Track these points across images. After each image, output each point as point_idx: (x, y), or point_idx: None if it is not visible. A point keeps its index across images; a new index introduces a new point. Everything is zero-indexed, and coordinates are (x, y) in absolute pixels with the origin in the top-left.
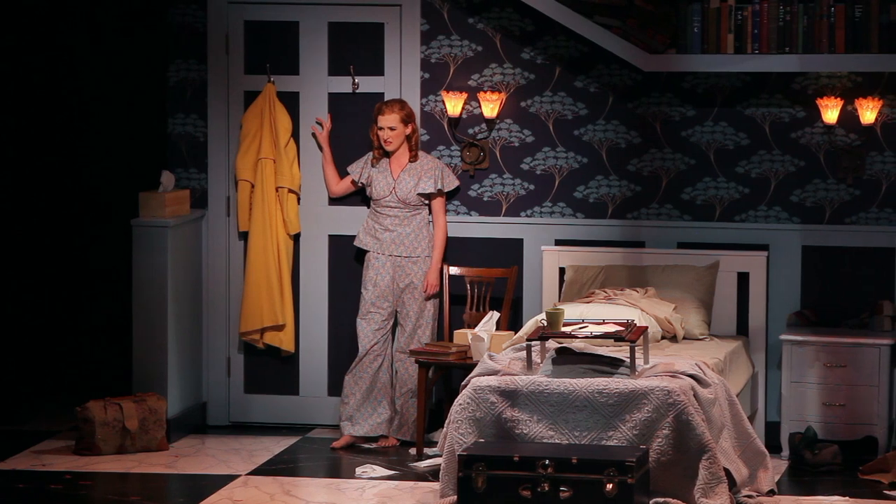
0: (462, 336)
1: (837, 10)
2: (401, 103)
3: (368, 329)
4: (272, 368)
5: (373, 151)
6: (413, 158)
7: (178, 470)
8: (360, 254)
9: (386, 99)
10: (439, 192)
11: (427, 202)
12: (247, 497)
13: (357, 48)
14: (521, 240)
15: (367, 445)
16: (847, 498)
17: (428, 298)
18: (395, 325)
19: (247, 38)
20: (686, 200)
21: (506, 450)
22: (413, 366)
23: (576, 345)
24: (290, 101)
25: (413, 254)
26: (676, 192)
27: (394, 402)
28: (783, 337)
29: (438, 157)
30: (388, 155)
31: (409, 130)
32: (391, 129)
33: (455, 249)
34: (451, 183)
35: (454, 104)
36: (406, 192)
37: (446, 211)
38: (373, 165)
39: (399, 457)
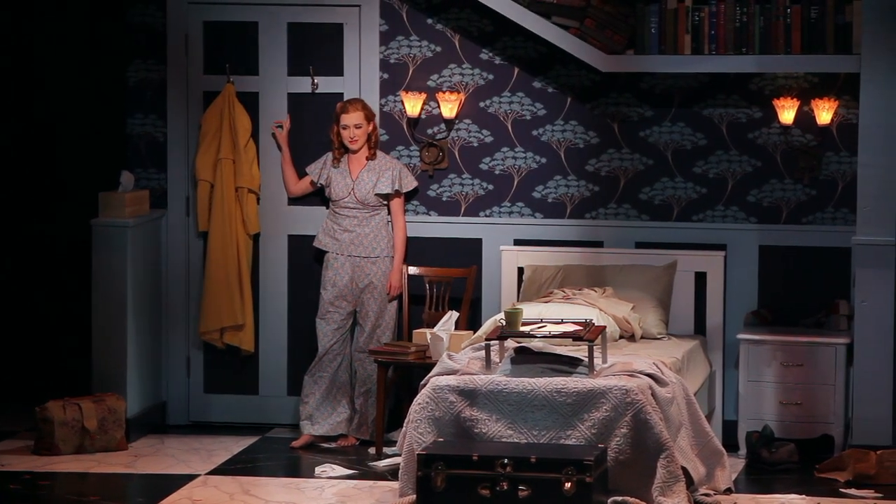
0: (421, 335)
1: (794, 12)
2: (362, 102)
3: (328, 329)
4: (232, 368)
5: (332, 152)
6: (371, 157)
7: (138, 470)
8: (320, 254)
9: (346, 99)
10: (397, 193)
11: (386, 202)
12: (206, 496)
13: (316, 49)
14: (480, 240)
15: (326, 445)
16: (804, 496)
17: (392, 300)
18: (355, 324)
19: (206, 38)
20: (644, 200)
21: (465, 449)
22: (372, 365)
23: (534, 344)
24: (250, 102)
25: (372, 254)
26: (634, 192)
27: (353, 401)
28: (740, 336)
29: (397, 158)
30: (348, 152)
31: (370, 129)
32: (357, 126)
33: (414, 249)
34: (410, 183)
35: (413, 104)
36: (364, 193)
37: (405, 211)
38: (333, 166)
39: (358, 456)
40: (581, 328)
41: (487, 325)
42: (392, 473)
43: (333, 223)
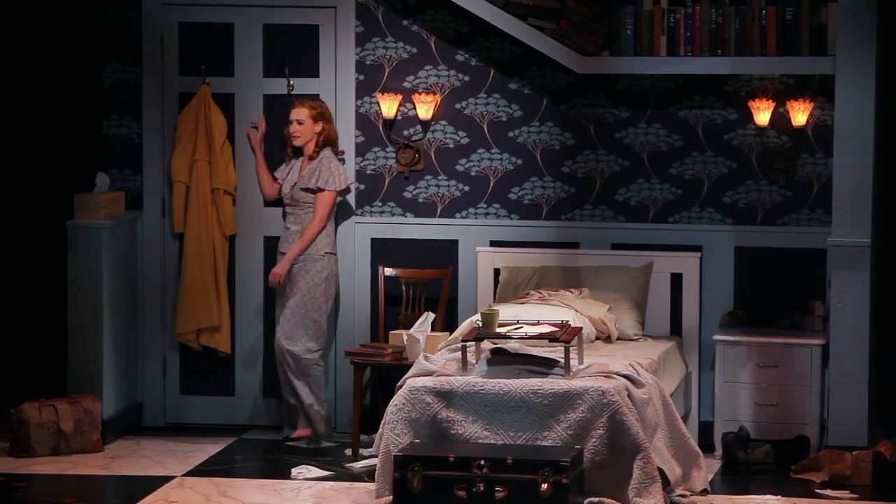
0: (397, 337)
1: (769, 13)
2: (314, 101)
3: (278, 329)
4: (208, 369)
5: (287, 149)
6: (313, 155)
7: (114, 471)
8: None
9: (322, 101)
10: (319, 189)
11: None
12: (182, 498)
13: (292, 50)
14: (456, 241)
15: (296, 444)
16: (780, 497)
17: (271, 286)
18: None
19: (182, 39)
20: (620, 202)
21: (441, 450)
22: (299, 353)
23: (511, 345)
24: (226, 103)
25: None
26: (610, 193)
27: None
28: (716, 337)
29: (373, 159)
30: (300, 154)
31: (318, 128)
32: (299, 122)
33: (390, 251)
34: (336, 184)
35: (389, 106)
36: (295, 189)
37: (329, 211)
38: (285, 162)
39: (335, 457)
40: (557, 329)
41: (464, 327)
42: (368, 475)
43: (284, 220)
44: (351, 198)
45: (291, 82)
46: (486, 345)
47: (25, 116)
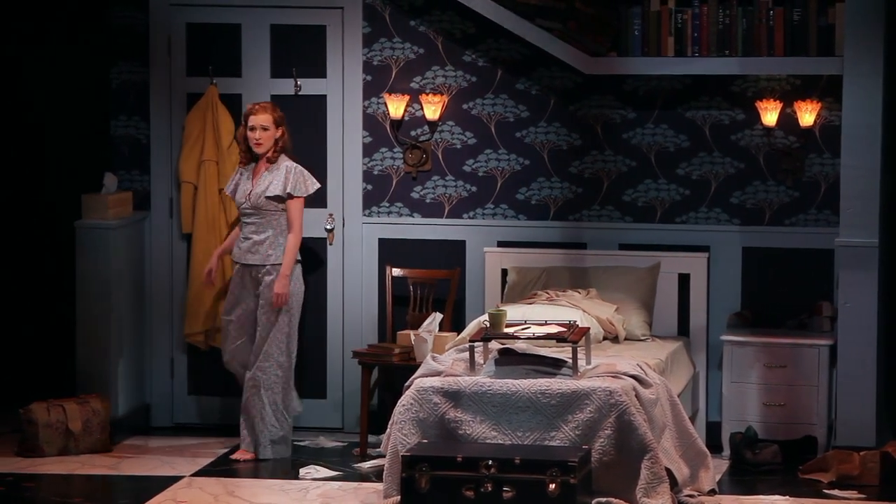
0: (405, 337)
1: (776, 14)
2: (272, 106)
3: (225, 343)
4: (216, 369)
5: (239, 154)
6: (272, 158)
7: (122, 471)
8: (303, 255)
9: (329, 101)
10: (289, 196)
11: (283, 207)
12: (190, 498)
13: (299, 50)
14: (464, 241)
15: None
16: (787, 497)
17: (276, 309)
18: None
19: (189, 40)
20: (627, 202)
21: (449, 450)
22: (289, 385)
23: (518, 346)
24: (233, 104)
25: (266, 262)
26: (618, 193)
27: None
28: (724, 337)
29: (381, 160)
30: (255, 160)
31: (279, 133)
32: (264, 128)
33: (398, 251)
34: (305, 189)
35: (396, 106)
36: (257, 197)
37: (302, 217)
38: (240, 170)
39: (342, 457)
40: (565, 330)
41: (471, 327)
42: (376, 475)
43: (241, 231)
44: (358, 198)
45: (299, 83)
46: (494, 345)
47: (33, 117)
